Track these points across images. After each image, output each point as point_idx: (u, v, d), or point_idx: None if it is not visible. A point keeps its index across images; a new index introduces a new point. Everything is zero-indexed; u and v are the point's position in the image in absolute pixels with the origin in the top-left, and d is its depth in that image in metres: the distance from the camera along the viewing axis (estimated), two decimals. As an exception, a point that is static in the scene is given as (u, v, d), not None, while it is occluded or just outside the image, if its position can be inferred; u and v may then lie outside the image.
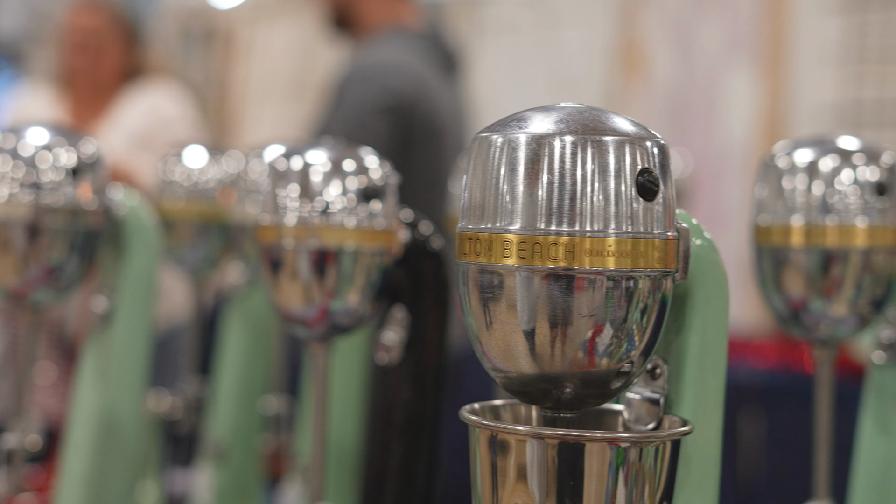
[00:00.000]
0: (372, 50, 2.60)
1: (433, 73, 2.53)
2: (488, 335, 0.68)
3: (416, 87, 2.46)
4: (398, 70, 2.46)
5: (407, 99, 2.43)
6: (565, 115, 0.68)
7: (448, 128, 2.53)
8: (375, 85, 2.43)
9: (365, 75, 2.46)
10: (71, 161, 1.11)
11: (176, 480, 1.76)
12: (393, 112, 2.41)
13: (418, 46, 2.55)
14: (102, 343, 1.18)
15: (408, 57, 2.51)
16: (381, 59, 2.52)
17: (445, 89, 2.56)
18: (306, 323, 0.97)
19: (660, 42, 4.65)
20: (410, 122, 2.41)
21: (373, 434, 1.04)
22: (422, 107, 2.46)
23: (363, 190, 0.96)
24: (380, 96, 2.41)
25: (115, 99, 2.97)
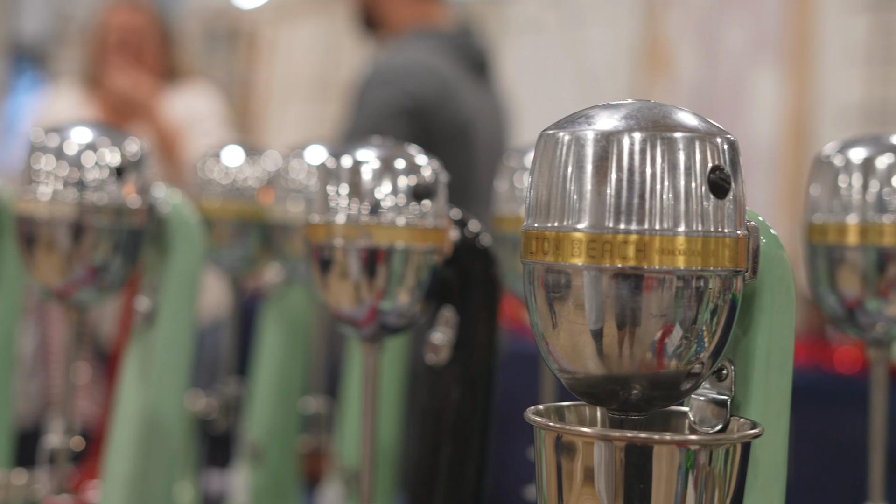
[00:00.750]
0: (395, 51, 2.59)
1: (459, 74, 2.52)
2: (554, 335, 0.67)
3: (438, 88, 2.44)
4: (419, 72, 2.45)
5: (427, 101, 2.42)
6: (633, 112, 0.67)
7: (477, 129, 2.51)
8: (395, 87, 2.42)
9: (385, 77, 2.45)
10: (115, 160, 1.10)
11: (212, 481, 1.76)
12: (412, 114, 2.40)
13: (445, 47, 2.53)
14: (145, 343, 1.18)
15: (432, 58, 2.50)
16: (403, 60, 2.50)
17: (473, 90, 2.55)
18: (356, 323, 0.96)
19: (684, 41, 4.63)
20: (430, 124, 2.40)
21: (422, 435, 1.02)
22: (444, 109, 2.44)
23: (414, 188, 0.95)
24: (399, 99, 2.40)
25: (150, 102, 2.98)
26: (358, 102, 2.49)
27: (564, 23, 4.88)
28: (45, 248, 1.10)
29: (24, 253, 1.12)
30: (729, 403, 0.72)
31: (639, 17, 4.76)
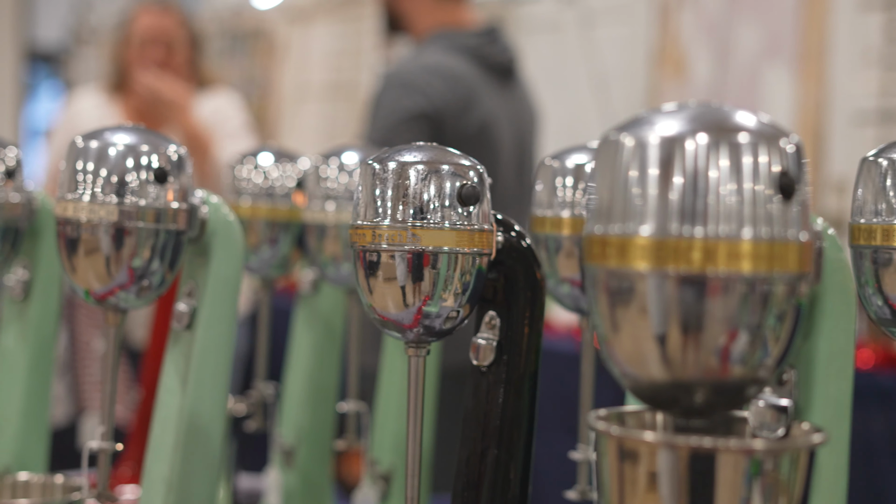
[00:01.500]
0: (415, 54, 2.59)
1: (481, 78, 2.51)
2: (617, 340, 0.67)
3: (456, 93, 2.43)
4: (438, 76, 2.44)
5: (445, 106, 2.41)
6: (696, 114, 0.66)
7: (500, 133, 2.50)
8: (412, 91, 2.41)
9: (403, 81, 2.45)
10: (156, 163, 1.10)
11: (245, 483, 1.75)
12: (429, 119, 2.39)
13: (467, 50, 2.52)
14: (184, 346, 1.17)
15: (452, 62, 2.49)
16: (422, 64, 2.50)
17: (495, 93, 2.54)
18: (401, 326, 0.96)
19: (697, 42, 4.62)
20: (448, 129, 2.39)
21: (465, 438, 1.02)
22: (463, 113, 2.43)
23: (460, 191, 0.94)
24: (417, 103, 2.39)
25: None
26: (375, 105, 2.49)
27: (580, 23, 4.87)
28: (86, 252, 1.10)
29: (64, 257, 1.11)
30: (791, 409, 0.71)
31: (653, 17, 4.75)
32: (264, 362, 1.56)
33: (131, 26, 3.03)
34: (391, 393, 1.43)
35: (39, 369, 1.40)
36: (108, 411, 1.13)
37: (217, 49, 5.66)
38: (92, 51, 6.55)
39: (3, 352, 1.41)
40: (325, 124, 5.55)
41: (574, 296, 1.19)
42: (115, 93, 3.04)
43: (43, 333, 1.40)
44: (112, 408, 1.13)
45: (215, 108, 2.94)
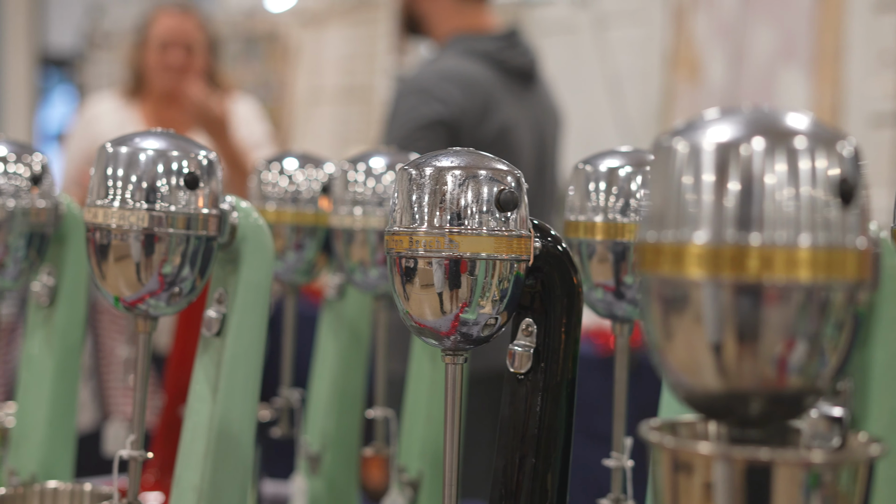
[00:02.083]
0: (434, 58, 2.57)
1: (500, 82, 2.49)
2: (670, 348, 0.66)
3: (472, 98, 2.42)
4: (453, 81, 2.42)
5: (463, 112, 2.39)
6: (751, 119, 0.65)
7: (519, 136, 2.48)
8: (430, 96, 2.39)
9: (419, 87, 2.43)
10: (186, 169, 1.09)
11: (271, 489, 1.74)
12: (447, 125, 2.37)
13: (486, 53, 2.50)
14: (214, 353, 1.16)
15: (470, 66, 2.47)
16: (440, 69, 2.48)
17: (515, 97, 2.52)
18: (438, 333, 0.95)
19: (712, 44, 4.60)
20: (466, 135, 2.38)
21: (501, 445, 1.01)
22: (481, 119, 2.41)
23: (498, 197, 0.93)
24: (434, 108, 2.37)
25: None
26: (392, 112, 2.47)
27: (594, 25, 4.86)
28: (115, 259, 1.09)
29: (94, 263, 1.10)
30: (847, 419, 0.70)
31: (667, 19, 4.74)
32: (290, 368, 1.55)
33: (150, 29, 3.02)
34: (419, 399, 1.42)
35: (65, 376, 1.39)
36: (139, 419, 1.12)
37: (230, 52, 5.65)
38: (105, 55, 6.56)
39: (29, 359, 1.40)
40: (338, 128, 5.54)
41: (607, 301, 1.18)
42: (132, 97, 3.03)
43: (69, 340, 1.39)
44: (142, 415, 1.12)
45: (240, 118, 2.94)
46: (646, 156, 1.19)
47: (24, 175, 1.31)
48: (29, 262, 1.33)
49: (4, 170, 1.30)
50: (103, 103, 3.11)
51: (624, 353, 1.20)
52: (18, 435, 1.40)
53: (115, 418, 1.88)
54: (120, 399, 2.76)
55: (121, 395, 2.74)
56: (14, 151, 1.31)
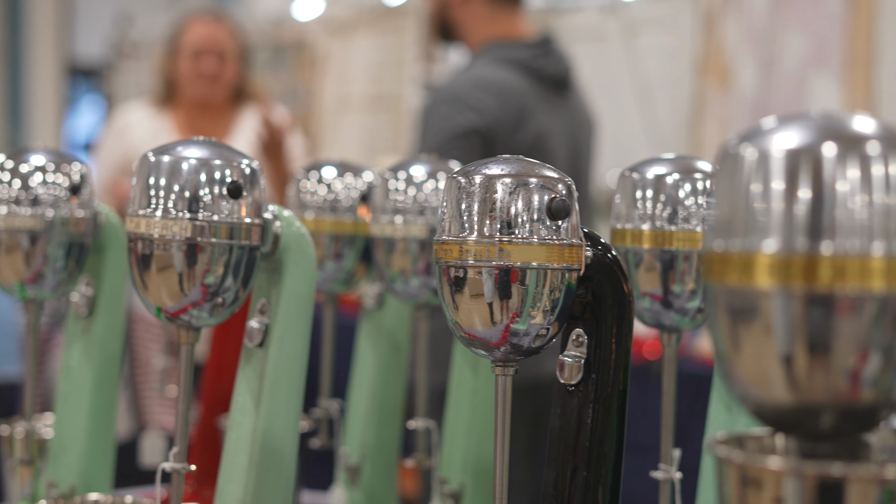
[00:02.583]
0: (467, 66, 2.55)
1: (533, 89, 2.47)
2: (738, 359, 0.64)
3: (507, 107, 2.40)
4: (487, 90, 2.40)
5: (498, 121, 2.37)
6: (820, 124, 0.63)
7: (553, 144, 2.46)
8: (464, 105, 2.37)
9: (453, 95, 2.41)
10: (229, 178, 1.08)
11: (309, 500, 1.73)
12: (479, 134, 2.35)
13: (520, 61, 2.48)
14: (258, 364, 1.15)
15: (504, 74, 2.45)
16: (472, 77, 2.46)
17: (549, 105, 2.50)
18: (488, 344, 0.93)
19: (742, 50, 4.58)
20: (496, 143, 2.36)
21: (553, 459, 0.99)
22: (516, 129, 2.39)
23: (549, 205, 0.91)
24: (469, 117, 2.35)
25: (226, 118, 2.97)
26: (425, 121, 2.45)
27: (623, 32, 4.84)
28: (158, 269, 1.08)
29: (136, 273, 1.09)
30: (919, 432, 0.68)
31: (697, 26, 4.71)
32: (329, 379, 1.54)
33: (182, 37, 3.01)
34: (460, 410, 1.40)
35: (104, 387, 1.38)
36: (182, 431, 1.10)
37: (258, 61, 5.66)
38: (133, 65, 6.57)
39: (68, 370, 1.39)
40: (366, 136, 5.54)
41: (654, 311, 1.16)
42: (163, 106, 3.03)
43: (108, 350, 1.38)
44: (185, 427, 1.11)
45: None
46: (693, 162, 1.17)
47: (63, 185, 1.31)
48: (68, 272, 1.32)
49: (43, 179, 1.30)
50: (134, 112, 3.11)
51: (672, 364, 1.18)
52: (57, 446, 1.39)
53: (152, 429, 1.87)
54: (156, 409, 2.75)
55: (156, 404, 2.73)
56: (53, 161, 1.31)
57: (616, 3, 4.96)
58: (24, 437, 1.45)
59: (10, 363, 2.91)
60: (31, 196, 1.29)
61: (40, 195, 1.29)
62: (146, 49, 6.29)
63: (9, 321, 2.92)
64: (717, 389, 1.17)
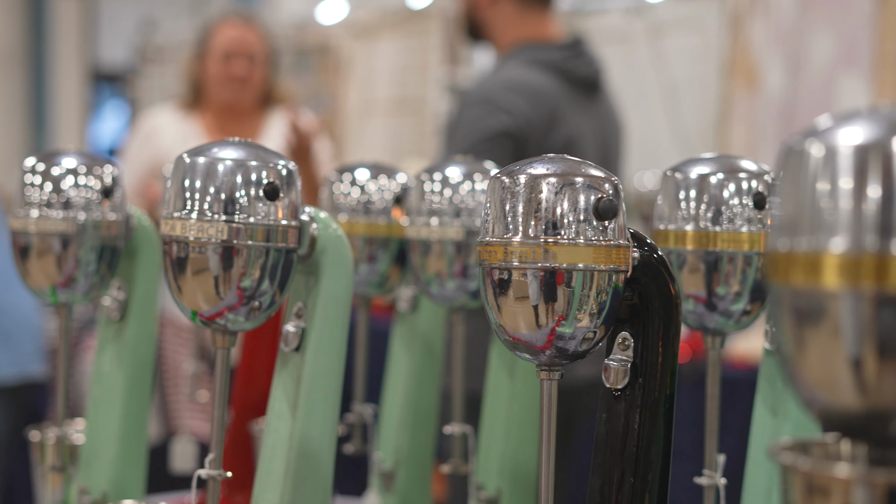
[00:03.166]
0: (497, 68, 2.53)
1: (564, 91, 2.44)
2: (804, 362, 0.61)
3: (539, 109, 2.37)
4: (519, 92, 2.38)
5: (529, 124, 2.35)
6: (888, 118, 0.61)
7: (584, 146, 2.44)
8: (493, 108, 2.35)
9: (484, 97, 2.39)
10: (266, 179, 1.06)
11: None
12: (510, 136, 2.33)
13: (551, 63, 2.46)
14: (294, 368, 1.13)
15: (535, 76, 2.43)
16: (503, 79, 2.43)
17: (580, 107, 2.47)
18: (533, 348, 0.91)
19: (769, 52, 4.54)
20: (528, 146, 2.33)
21: (598, 466, 0.97)
22: (547, 132, 2.37)
23: (596, 205, 0.89)
24: (500, 119, 2.33)
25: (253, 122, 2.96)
26: (455, 123, 2.43)
27: (649, 33, 4.81)
28: (193, 272, 1.06)
29: (170, 277, 1.07)
30: None
31: (724, 27, 4.68)
32: (362, 383, 1.52)
33: (212, 40, 3.00)
34: (496, 415, 1.38)
35: (137, 392, 1.37)
36: (218, 437, 1.08)
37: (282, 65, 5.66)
38: (157, 69, 6.58)
39: (100, 375, 1.38)
40: (390, 140, 5.53)
41: (698, 313, 1.13)
42: (190, 109, 3.02)
43: (140, 355, 1.37)
44: (221, 433, 1.09)
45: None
46: (737, 162, 1.14)
47: (95, 187, 1.29)
48: (100, 276, 1.31)
49: (75, 182, 1.28)
50: (162, 116, 3.10)
51: (717, 367, 1.15)
52: (89, 452, 1.38)
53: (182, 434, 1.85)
54: (185, 413, 2.74)
55: (186, 409, 2.72)
56: (84, 163, 1.29)
57: (642, 4, 4.93)
58: (55, 442, 1.44)
59: (35, 363, 2.91)
60: (63, 199, 1.28)
61: (72, 198, 1.28)
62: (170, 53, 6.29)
63: (32, 322, 2.92)
64: (761, 393, 1.15)
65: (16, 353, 2.85)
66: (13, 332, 2.85)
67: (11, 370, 2.84)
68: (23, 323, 2.88)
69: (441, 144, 2.52)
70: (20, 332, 2.86)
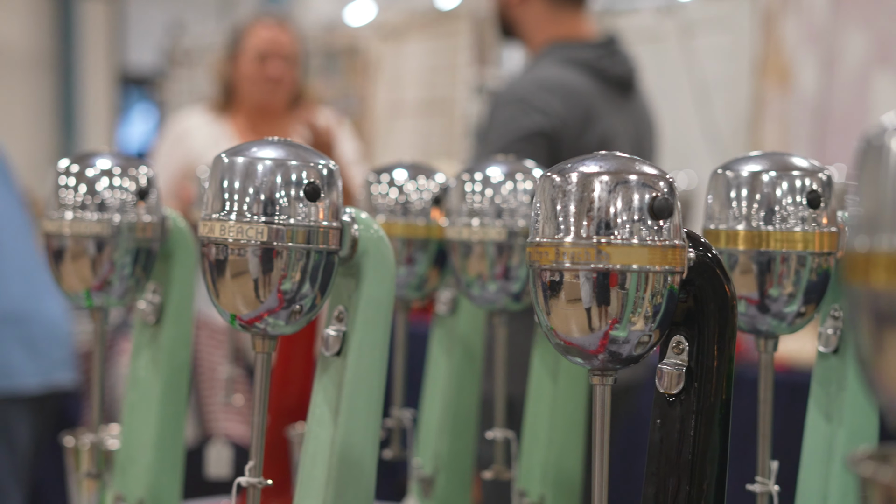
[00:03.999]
0: (530, 67, 2.50)
1: (598, 91, 2.41)
2: (884, 367, 0.58)
3: (573, 109, 2.34)
4: (553, 92, 2.35)
5: (560, 122, 2.31)
6: (974, 110, 0.57)
7: (618, 146, 2.40)
8: (527, 108, 2.32)
9: (517, 97, 2.36)
10: (306, 179, 1.03)
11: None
12: (545, 136, 2.30)
13: (585, 62, 2.43)
14: (336, 373, 1.10)
15: (569, 75, 2.39)
16: (536, 79, 2.40)
17: (614, 106, 2.44)
18: (585, 352, 0.88)
19: (802, 50, 4.50)
20: (562, 146, 2.30)
21: (653, 474, 0.93)
22: (582, 129, 2.34)
23: (651, 204, 0.86)
24: (534, 119, 2.30)
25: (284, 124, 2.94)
26: (488, 123, 2.40)
27: (680, 33, 4.77)
28: (232, 275, 1.03)
29: (208, 280, 1.05)
30: None
31: (756, 25, 4.64)
32: (401, 388, 1.49)
33: (245, 41, 2.98)
34: (539, 420, 1.35)
35: (173, 397, 1.34)
36: (258, 444, 1.06)
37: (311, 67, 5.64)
38: (185, 72, 6.59)
39: (136, 380, 1.35)
40: (419, 141, 5.50)
41: (750, 315, 1.10)
42: (221, 112, 3.00)
43: (176, 359, 1.34)
44: (261, 440, 1.06)
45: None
46: (789, 159, 1.11)
47: (130, 189, 1.27)
48: (135, 279, 1.29)
49: (110, 183, 1.26)
50: (193, 118, 3.08)
51: (769, 371, 1.12)
52: (124, 458, 1.35)
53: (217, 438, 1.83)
54: (220, 416, 2.72)
55: (221, 413, 2.70)
56: (119, 164, 1.27)
57: (673, 3, 4.89)
58: (89, 448, 1.42)
59: (65, 371, 2.88)
60: (98, 201, 1.25)
61: (107, 200, 1.25)
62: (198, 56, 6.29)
63: (62, 329, 2.90)
64: (814, 397, 1.12)
65: (42, 361, 2.82)
66: (40, 340, 2.82)
67: (37, 379, 2.81)
68: (50, 331, 2.85)
69: (473, 146, 2.49)
70: (47, 341, 2.83)
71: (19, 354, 2.77)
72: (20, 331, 2.78)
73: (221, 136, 2.89)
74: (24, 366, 2.78)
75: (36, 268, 2.82)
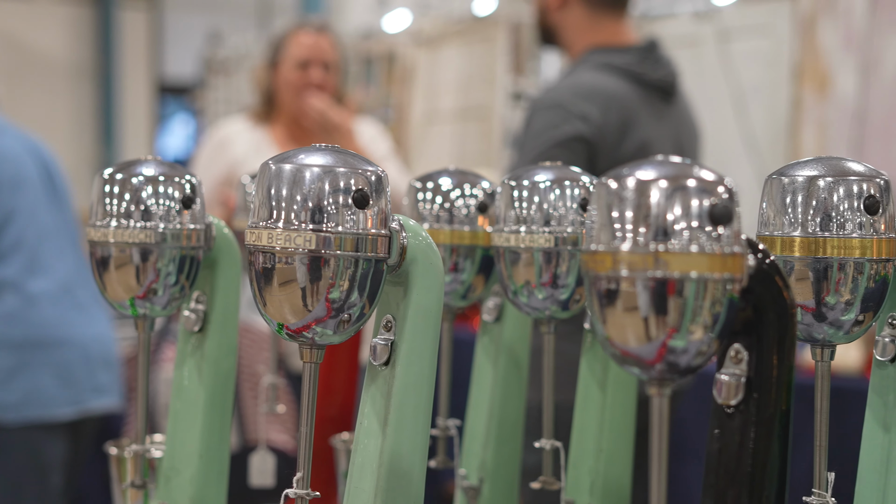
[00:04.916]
0: (569, 72, 2.48)
1: (638, 96, 2.39)
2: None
3: (612, 115, 2.32)
4: (591, 98, 2.32)
5: (599, 129, 2.29)
6: None
7: (658, 151, 2.38)
8: (565, 114, 2.30)
9: (556, 103, 2.34)
10: (354, 186, 1.02)
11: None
12: (584, 142, 2.28)
13: (624, 68, 2.40)
14: (384, 383, 1.09)
15: (608, 81, 2.37)
16: (575, 85, 2.38)
17: (654, 112, 2.42)
18: (643, 362, 0.86)
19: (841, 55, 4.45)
20: (601, 152, 2.28)
21: (711, 486, 0.91)
22: (621, 136, 2.32)
23: (711, 210, 0.84)
24: (573, 124, 2.28)
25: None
26: (526, 129, 2.38)
27: (718, 38, 4.74)
28: (280, 283, 1.02)
29: (255, 289, 1.03)
30: None
31: (794, 30, 4.60)
32: (446, 396, 1.47)
33: (286, 48, 2.98)
34: (587, 430, 1.33)
35: (218, 406, 1.33)
36: (306, 455, 1.04)
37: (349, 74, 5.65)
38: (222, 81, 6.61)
39: (180, 388, 1.35)
40: (456, 149, 5.49)
41: (806, 324, 1.08)
42: (261, 120, 3.00)
43: (221, 368, 1.33)
44: (309, 451, 1.05)
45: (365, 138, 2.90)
46: (845, 164, 1.09)
47: (175, 197, 1.26)
48: (180, 287, 1.28)
49: (154, 191, 1.25)
50: (233, 125, 3.08)
51: (826, 381, 1.10)
52: (168, 468, 1.35)
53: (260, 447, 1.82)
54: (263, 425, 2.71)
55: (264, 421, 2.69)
56: (163, 172, 1.26)
57: (710, 8, 4.86)
58: (133, 457, 1.41)
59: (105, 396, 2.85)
60: (142, 209, 1.24)
61: (151, 208, 1.25)
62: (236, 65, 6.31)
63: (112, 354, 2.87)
64: (871, 407, 1.10)
65: (74, 389, 2.77)
66: (73, 366, 2.77)
67: (71, 408, 2.77)
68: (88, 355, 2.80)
69: (511, 154, 2.48)
70: (83, 366, 2.79)
71: (51, 382, 2.73)
72: (52, 357, 2.74)
73: (262, 143, 2.89)
74: (58, 394, 2.74)
75: (79, 284, 2.79)
